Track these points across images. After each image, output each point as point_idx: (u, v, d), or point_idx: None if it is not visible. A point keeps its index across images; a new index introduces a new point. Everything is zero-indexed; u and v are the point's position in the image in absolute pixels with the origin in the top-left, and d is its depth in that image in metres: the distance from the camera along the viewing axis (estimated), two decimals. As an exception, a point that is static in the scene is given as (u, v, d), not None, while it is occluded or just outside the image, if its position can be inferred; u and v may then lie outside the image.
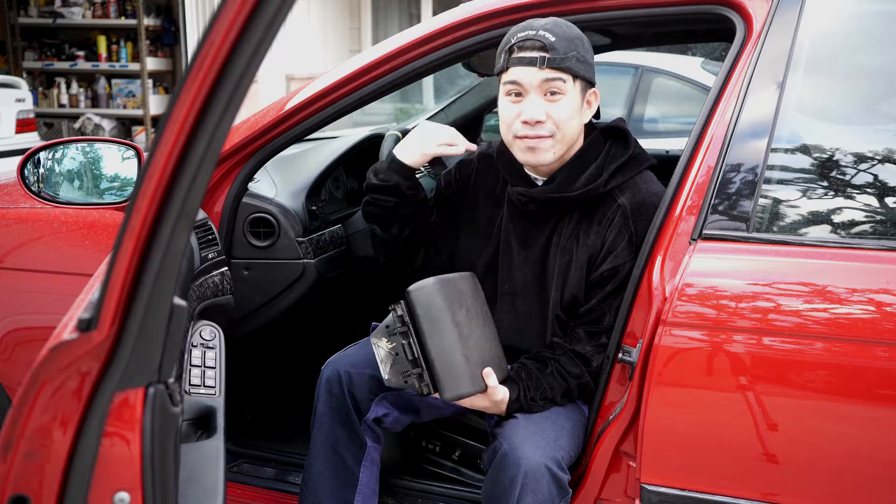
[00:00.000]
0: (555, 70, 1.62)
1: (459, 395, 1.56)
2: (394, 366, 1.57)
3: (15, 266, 1.96)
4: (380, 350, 1.58)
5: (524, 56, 1.63)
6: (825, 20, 1.60)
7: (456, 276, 1.65)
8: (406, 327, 1.55)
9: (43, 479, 0.93)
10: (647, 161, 1.74)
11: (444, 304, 1.56)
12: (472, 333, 1.60)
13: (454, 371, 1.55)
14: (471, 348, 1.58)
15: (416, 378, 1.55)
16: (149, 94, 8.56)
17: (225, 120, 0.87)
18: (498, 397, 1.60)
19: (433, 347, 1.54)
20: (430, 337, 1.54)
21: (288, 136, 1.96)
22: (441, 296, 1.57)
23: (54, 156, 1.98)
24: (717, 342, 1.41)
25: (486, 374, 1.59)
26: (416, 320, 1.55)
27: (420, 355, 1.55)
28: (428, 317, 1.55)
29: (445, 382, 1.54)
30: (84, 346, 0.91)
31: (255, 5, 0.83)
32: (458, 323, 1.58)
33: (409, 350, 1.55)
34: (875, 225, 1.50)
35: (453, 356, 1.55)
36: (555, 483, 1.53)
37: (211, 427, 1.34)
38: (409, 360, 1.55)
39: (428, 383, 1.54)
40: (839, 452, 1.38)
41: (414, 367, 1.55)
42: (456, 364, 1.55)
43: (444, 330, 1.55)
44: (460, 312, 1.59)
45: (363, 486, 1.77)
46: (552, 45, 1.61)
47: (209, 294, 1.85)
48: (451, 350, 1.55)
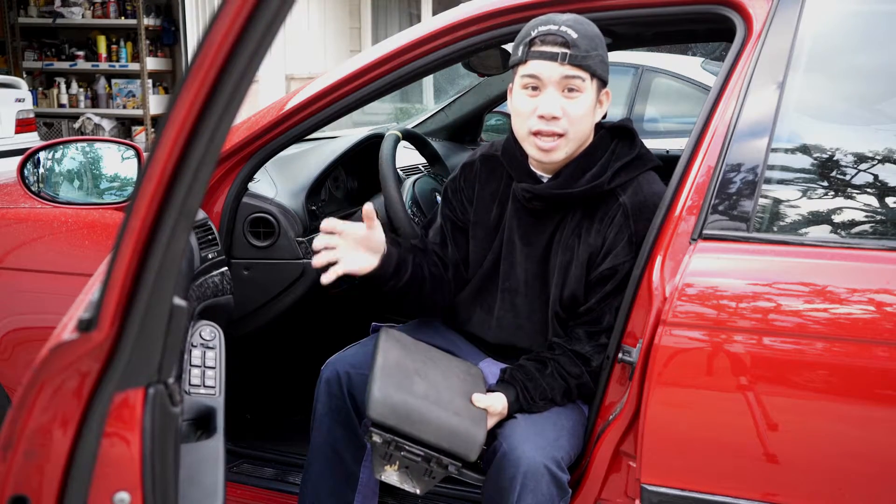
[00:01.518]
0: (575, 67, 1.62)
1: (480, 446, 1.54)
2: (413, 477, 1.54)
3: (15, 266, 1.96)
4: (392, 478, 1.55)
5: (546, 50, 1.62)
6: (825, 20, 1.60)
7: (380, 352, 1.61)
8: (392, 442, 1.52)
9: (43, 479, 0.93)
10: (651, 161, 1.75)
11: (401, 397, 1.53)
12: (439, 390, 1.58)
13: (458, 435, 1.53)
14: (449, 402, 1.57)
15: (438, 468, 1.52)
16: (149, 94, 8.56)
17: (225, 120, 0.87)
18: (499, 409, 1.61)
19: (428, 436, 1.51)
20: (420, 432, 1.51)
21: (288, 136, 1.96)
22: (392, 389, 1.54)
23: (54, 156, 1.98)
24: (717, 342, 1.41)
25: (476, 400, 1.60)
26: (394, 429, 1.52)
27: (424, 451, 1.52)
28: (400, 418, 1.51)
29: (462, 449, 1.52)
30: (84, 346, 0.91)
31: (255, 5, 0.83)
32: (425, 396, 1.55)
33: (412, 455, 1.52)
34: (875, 225, 1.50)
35: (447, 425, 1.53)
36: (554, 483, 1.53)
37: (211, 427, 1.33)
38: (419, 462, 1.52)
39: (451, 462, 1.52)
40: (839, 452, 1.38)
41: (428, 463, 1.53)
42: (455, 429, 1.53)
43: (422, 414, 1.52)
44: (416, 386, 1.56)
45: (363, 486, 1.77)
46: (574, 41, 1.61)
47: (209, 294, 1.85)
48: (441, 423, 1.52)
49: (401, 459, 1.53)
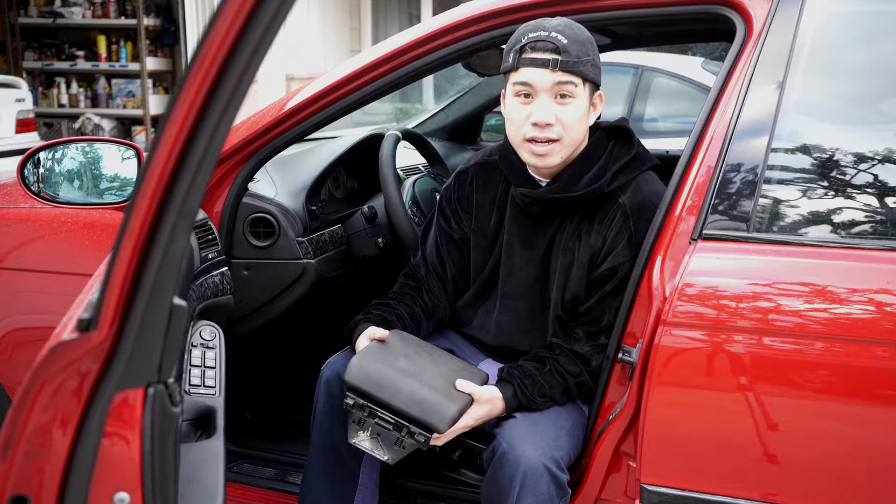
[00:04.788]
0: (567, 73, 1.62)
1: (452, 418, 1.55)
2: (384, 444, 1.57)
3: (15, 266, 1.96)
4: (364, 444, 1.58)
5: (536, 57, 1.62)
6: (825, 20, 1.60)
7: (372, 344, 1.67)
8: (366, 408, 1.55)
9: (43, 479, 0.93)
10: (649, 161, 1.74)
11: (378, 366, 1.58)
12: (422, 370, 1.62)
13: (429, 405, 1.55)
14: (429, 380, 1.59)
15: (408, 436, 1.54)
16: (148, 94, 8.56)
17: (225, 120, 0.87)
18: (486, 396, 1.60)
19: (398, 402, 1.54)
20: (390, 397, 1.54)
21: (288, 136, 1.96)
22: (371, 360, 1.60)
23: (54, 156, 1.98)
24: (717, 342, 1.41)
25: (460, 385, 1.60)
26: (368, 395, 1.55)
27: (394, 419, 1.54)
28: (373, 384, 1.55)
29: (430, 419, 1.54)
30: (84, 346, 0.91)
31: (255, 5, 0.83)
32: (403, 370, 1.59)
33: (383, 423, 1.55)
34: (875, 225, 1.50)
35: (418, 395, 1.55)
36: (554, 483, 1.53)
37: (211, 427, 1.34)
38: (390, 429, 1.55)
39: (420, 432, 1.54)
40: (839, 452, 1.38)
41: (399, 431, 1.55)
42: (426, 399, 1.55)
43: (395, 382, 1.56)
44: (398, 362, 1.61)
45: (363, 486, 1.77)
46: (565, 47, 1.61)
47: (209, 294, 1.85)
48: (413, 392, 1.55)
49: (373, 426, 1.56)
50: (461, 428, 1.59)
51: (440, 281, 1.89)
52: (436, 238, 1.90)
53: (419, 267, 1.89)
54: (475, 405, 1.60)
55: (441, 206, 1.91)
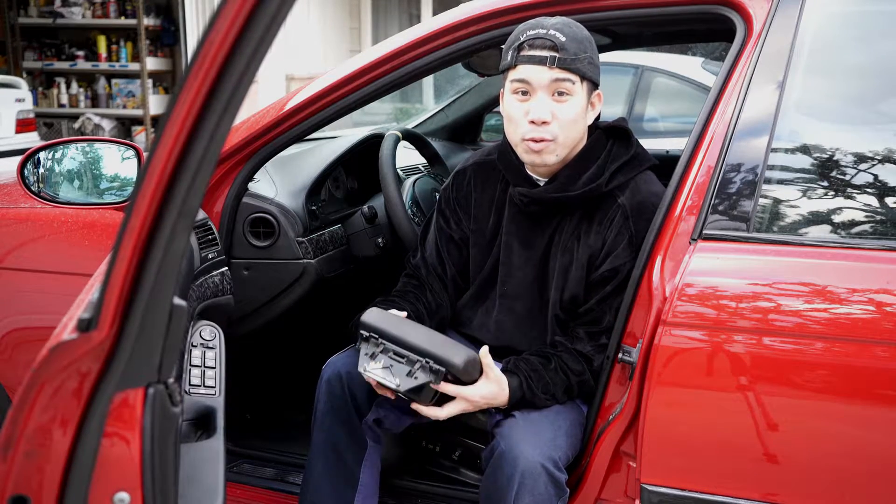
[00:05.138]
0: (564, 70, 1.62)
1: (466, 359, 1.53)
2: (396, 374, 1.55)
3: (15, 266, 1.96)
4: (375, 372, 1.56)
5: (534, 55, 1.62)
6: (825, 20, 1.60)
7: None
8: (380, 342, 1.56)
9: (43, 479, 0.93)
10: (648, 161, 1.74)
11: (395, 317, 1.61)
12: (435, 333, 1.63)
13: (447, 344, 1.55)
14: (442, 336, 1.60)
15: (421, 369, 1.53)
16: (149, 94, 8.56)
17: (225, 120, 0.87)
18: (497, 373, 1.59)
19: (415, 339, 1.54)
20: (406, 335, 1.55)
21: (288, 136, 1.96)
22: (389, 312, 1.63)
23: (54, 156, 1.98)
24: (717, 342, 1.41)
25: (483, 352, 1.58)
26: (384, 333, 1.56)
27: (408, 353, 1.54)
28: (391, 324, 1.57)
29: (446, 353, 1.53)
30: (84, 346, 0.91)
31: (255, 5, 0.83)
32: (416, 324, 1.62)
33: (396, 357, 1.54)
34: (875, 225, 1.50)
35: (436, 336, 1.56)
36: (552, 482, 1.53)
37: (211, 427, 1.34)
38: (403, 362, 1.54)
39: (434, 365, 1.52)
40: (839, 452, 1.38)
41: (412, 364, 1.54)
42: (443, 339, 1.56)
43: (412, 326, 1.58)
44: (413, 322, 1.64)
45: (363, 486, 1.77)
46: (563, 45, 1.61)
47: (209, 294, 1.85)
48: (430, 334, 1.56)
49: (385, 359, 1.56)
50: (466, 400, 1.57)
51: (441, 281, 1.89)
52: (435, 238, 1.90)
53: (419, 268, 1.89)
54: (486, 380, 1.58)
55: (440, 206, 1.91)
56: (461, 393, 1.56)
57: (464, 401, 1.58)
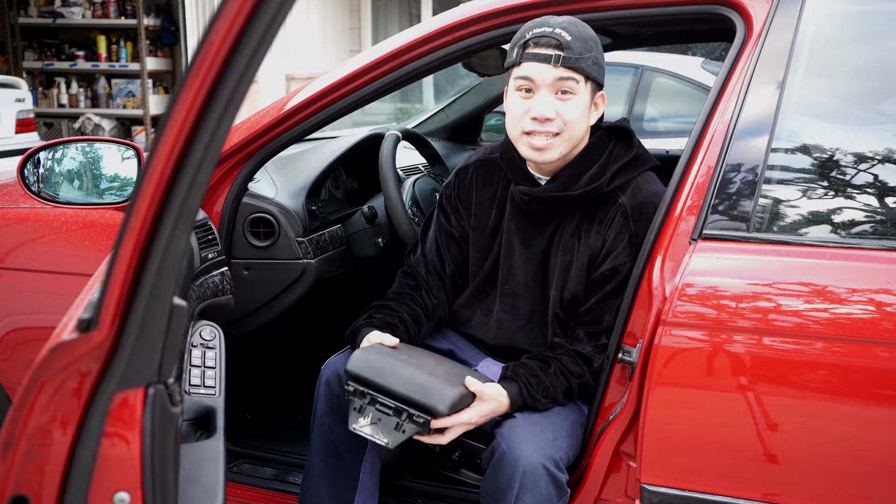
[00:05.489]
0: (569, 69, 1.62)
1: (451, 402, 1.55)
2: (384, 430, 1.57)
3: (15, 266, 1.96)
4: (364, 430, 1.59)
5: (539, 52, 1.62)
6: (825, 20, 1.60)
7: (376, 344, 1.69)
8: (367, 395, 1.57)
9: (43, 479, 0.93)
10: (649, 161, 1.74)
11: (379, 357, 1.61)
12: (423, 363, 1.64)
13: (429, 388, 1.55)
14: (430, 370, 1.61)
15: (408, 421, 1.55)
16: (149, 94, 8.56)
17: (225, 120, 0.87)
18: (491, 393, 1.60)
19: (398, 387, 1.55)
20: (389, 382, 1.56)
21: (288, 136, 1.96)
22: (374, 353, 1.63)
23: (54, 156, 1.98)
24: (717, 342, 1.41)
25: (468, 382, 1.59)
26: (368, 381, 1.57)
27: (394, 404, 1.55)
28: (373, 371, 1.57)
29: (429, 401, 1.54)
30: (84, 346, 0.91)
31: (255, 5, 0.83)
32: (404, 360, 1.62)
33: (383, 408, 1.56)
34: (875, 225, 1.50)
35: (418, 380, 1.56)
36: (553, 483, 1.53)
37: (211, 427, 1.34)
38: (390, 414, 1.56)
39: (419, 415, 1.54)
40: (839, 452, 1.38)
41: (399, 416, 1.55)
42: (425, 383, 1.56)
43: (396, 370, 1.58)
44: (401, 356, 1.64)
45: (363, 486, 1.77)
46: (568, 44, 1.61)
47: (209, 294, 1.85)
48: (413, 377, 1.56)
49: (373, 413, 1.57)
50: (465, 424, 1.59)
51: (439, 279, 1.89)
52: (435, 235, 1.90)
53: (419, 265, 1.89)
54: (480, 402, 1.59)
55: (441, 203, 1.91)
56: (456, 421, 1.58)
57: (462, 425, 1.59)
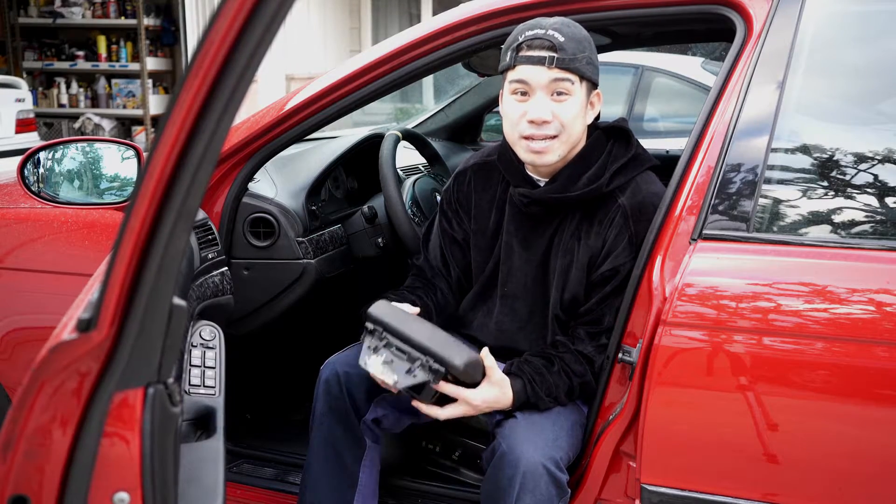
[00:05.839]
0: (563, 70, 1.62)
1: (468, 360, 1.51)
2: (395, 370, 1.53)
3: (15, 266, 1.96)
4: (374, 368, 1.55)
5: (532, 55, 1.62)
6: (825, 20, 1.60)
7: None
8: (384, 336, 1.54)
9: (43, 479, 0.93)
10: (648, 161, 1.74)
11: (403, 311, 1.59)
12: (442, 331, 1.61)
13: (450, 343, 1.53)
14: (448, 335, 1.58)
15: (421, 367, 1.51)
16: (149, 94, 8.56)
17: (225, 120, 0.87)
18: (499, 375, 1.58)
19: (417, 335, 1.52)
20: (411, 331, 1.53)
21: (288, 136, 1.96)
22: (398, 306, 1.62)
23: (54, 156, 1.98)
24: (717, 342, 1.41)
25: (484, 354, 1.57)
26: (389, 327, 1.54)
27: (410, 350, 1.52)
28: (396, 318, 1.55)
29: (448, 353, 1.50)
30: (84, 346, 0.91)
31: (255, 5, 0.83)
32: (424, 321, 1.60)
33: (398, 352, 1.53)
34: (875, 225, 1.50)
35: (440, 334, 1.54)
36: (553, 483, 1.53)
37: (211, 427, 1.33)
38: (404, 358, 1.53)
39: (435, 365, 1.50)
40: (839, 452, 1.38)
41: (413, 363, 1.52)
42: (447, 338, 1.54)
43: (418, 322, 1.56)
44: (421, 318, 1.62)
45: (363, 486, 1.77)
46: (561, 45, 1.61)
47: (209, 294, 1.85)
48: (434, 331, 1.55)
49: (387, 353, 1.54)
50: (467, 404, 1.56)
51: (446, 282, 1.89)
52: (439, 240, 1.90)
53: (424, 269, 1.90)
54: (488, 385, 1.57)
55: (442, 206, 1.92)
56: (461, 395, 1.56)
57: (464, 403, 1.57)
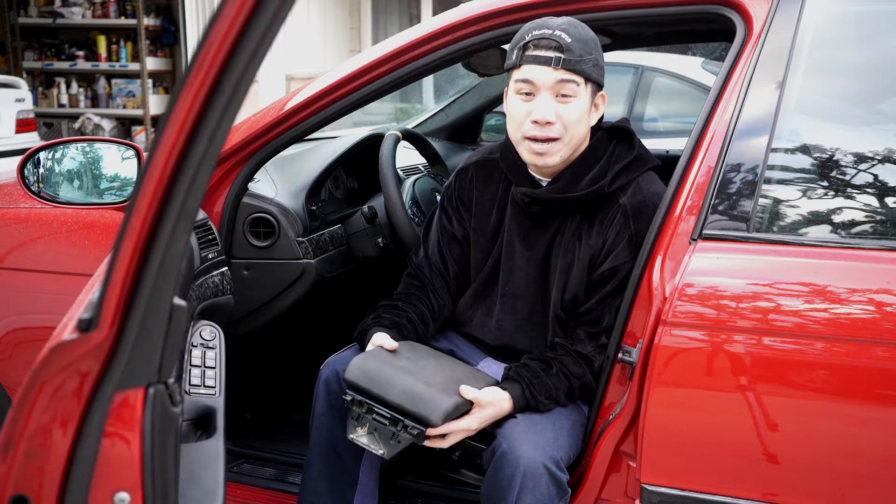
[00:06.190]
0: (569, 72, 1.62)
1: (445, 412, 1.55)
2: (380, 440, 1.57)
3: (15, 266, 1.96)
4: (361, 439, 1.59)
5: (539, 55, 1.62)
6: (825, 20, 1.60)
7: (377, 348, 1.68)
8: (364, 404, 1.57)
9: (43, 479, 0.93)
10: (650, 161, 1.74)
11: (377, 365, 1.60)
12: (423, 369, 1.63)
13: (422, 398, 1.55)
14: (428, 378, 1.60)
15: (403, 431, 1.55)
16: (149, 94, 8.56)
17: (225, 120, 0.87)
18: (489, 399, 1.60)
19: (393, 397, 1.55)
20: (384, 392, 1.55)
21: (288, 136, 1.96)
22: (372, 359, 1.62)
23: (54, 156, 1.98)
24: (717, 342, 1.41)
25: (464, 390, 1.59)
26: (364, 391, 1.56)
27: (390, 413, 1.55)
28: (369, 380, 1.57)
29: (423, 411, 1.53)
30: (84, 346, 0.91)
31: (255, 5, 0.83)
32: (402, 368, 1.61)
33: (380, 418, 1.56)
34: (875, 225, 1.50)
35: (412, 389, 1.56)
36: (553, 483, 1.53)
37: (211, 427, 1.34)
38: (386, 424, 1.56)
39: (413, 425, 1.54)
40: (839, 452, 1.38)
41: (395, 426, 1.55)
42: (419, 393, 1.56)
43: (392, 379, 1.57)
44: (399, 362, 1.63)
45: (362, 485, 1.77)
46: (568, 46, 1.61)
47: (209, 294, 1.85)
48: (407, 387, 1.56)
49: (370, 422, 1.57)
50: (465, 430, 1.59)
51: (443, 280, 1.89)
52: (438, 237, 1.90)
53: (422, 266, 1.89)
54: (480, 409, 1.59)
55: (443, 204, 1.91)
56: (457, 428, 1.58)
57: (462, 431, 1.59)
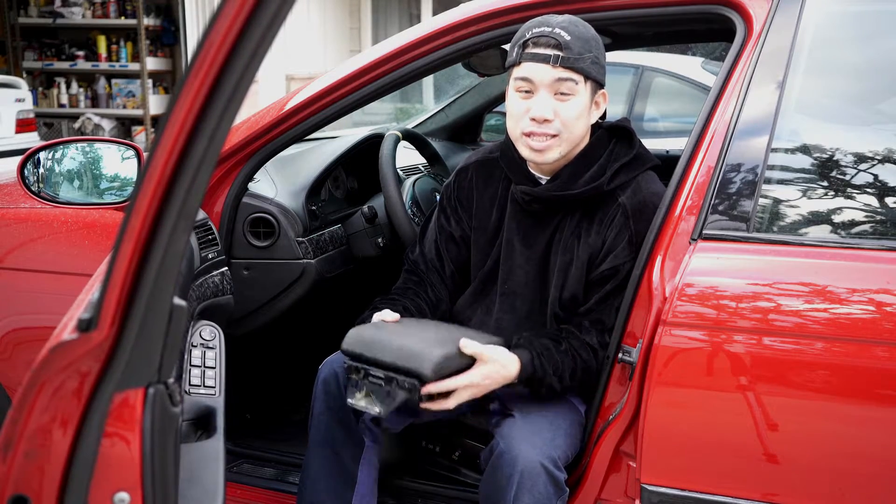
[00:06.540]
0: (568, 70, 1.62)
1: (437, 364, 1.52)
2: (377, 399, 1.56)
3: (15, 266, 1.96)
4: (360, 402, 1.58)
5: (538, 52, 1.62)
6: (825, 20, 1.60)
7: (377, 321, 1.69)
8: (361, 369, 1.57)
9: (43, 479, 0.93)
10: (650, 161, 1.75)
11: (373, 331, 1.61)
12: (422, 331, 1.63)
13: (414, 353, 1.54)
14: (425, 336, 1.59)
15: (397, 387, 1.54)
16: (149, 94, 8.56)
17: (225, 120, 0.87)
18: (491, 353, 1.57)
19: (386, 356, 1.54)
20: (377, 353, 1.55)
21: (288, 136, 1.96)
22: (368, 329, 1.62)
23: (54, 156, 1.98)
24: (717, 342, 1.41)
25: (464, 344, 1.57)
26: (359, 356, 1.57)
27: (384, 373, 1.55)
28: (363, 344, 1.57)
29: (414, 364, 1.52)
30: (84, 346, 0.91)
31: (255, 5, 0.83)
32: (398, 332, 1.61)
33: (375, 379, 1.55)
34: (875, 225, 1.50)
35: (405, 347, 1.55)
36: (551, 482, 1.53)
37: (211, 427, 1.34)
38: (381, 384, 1.55)
39: (409, 380, 1.52)
40: (839, 452, 1.38)
41: (389, 385, 1.54)
42: (412, 348, 1.54)
43: (384, 341, 1.57)
44: (398, 328, 1.63)
45: (361, 485, 1.77)
46: (567, 43, 1.61)
47: (209, 294, 1.85)
48: (401, 346, 1.55)
49: (367, 385, 1.57)
50: (469, 386, 1.56)
51: (439, 276, 1.89)
52: (435, 235, 1.90)
53: (419, 262, 1.90)
54: (482, 363, 1.57)
55: (442, 203, 1.91)
56: (458, 383, 1.56)
57: (467, 388, 1.57)
